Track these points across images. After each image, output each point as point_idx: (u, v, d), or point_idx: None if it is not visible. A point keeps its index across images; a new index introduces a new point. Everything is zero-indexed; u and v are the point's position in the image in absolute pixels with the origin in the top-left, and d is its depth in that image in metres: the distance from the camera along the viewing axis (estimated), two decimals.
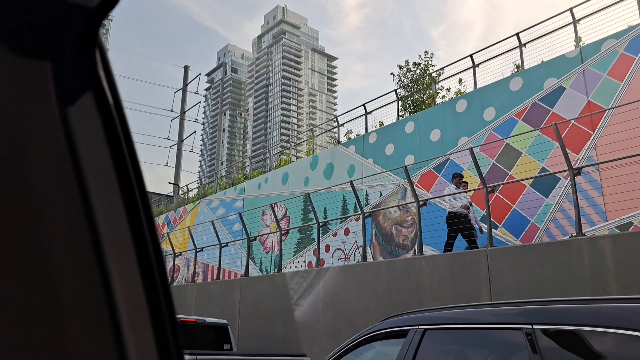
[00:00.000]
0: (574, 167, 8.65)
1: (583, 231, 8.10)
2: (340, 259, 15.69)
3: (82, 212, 0.68)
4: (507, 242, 11.40)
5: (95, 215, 0.69)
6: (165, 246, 21.94)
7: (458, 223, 10.30)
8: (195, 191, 29.64)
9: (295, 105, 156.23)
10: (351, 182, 11.90)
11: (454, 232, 10.44)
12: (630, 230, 9.43)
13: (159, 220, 27.67)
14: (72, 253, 0.67)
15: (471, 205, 10.86)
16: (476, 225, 10.74)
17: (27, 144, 0.66)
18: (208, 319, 8.82)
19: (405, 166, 10.87)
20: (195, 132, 36.62)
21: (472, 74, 14.54)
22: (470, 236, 10.22)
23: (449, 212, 10.59)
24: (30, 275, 0.64)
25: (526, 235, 11.41)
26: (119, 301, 0.69)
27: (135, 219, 0.73)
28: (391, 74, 20.46)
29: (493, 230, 10.29)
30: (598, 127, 10.71)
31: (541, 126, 11.52)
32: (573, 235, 8.31)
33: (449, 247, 10.41)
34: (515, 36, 13.56)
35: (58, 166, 0.68)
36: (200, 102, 38.50)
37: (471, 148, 9.88)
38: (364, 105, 17.64)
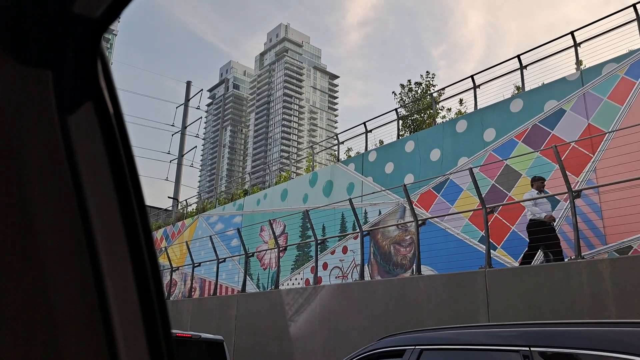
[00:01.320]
0: (573, 189, 8.65)
1: (582, 254, 8.07)
2: (338, 277, 15.61)
3: (79, 222, 0.68)
4: (506, 263, 11.34)
5: (92, 225, 0.68)
6: (162, 260, 21.85)
7: (541, 232, 9.28)
8: (194, 206, 29.64)
9: (296, 122, 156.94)
10: (350, 200, 11.90)
11: (536, 242, 9.44)
12: (629, 254, 9.41)
13: (158, 234, 27.59)
14: (68, 262, 0.67)
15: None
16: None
17: (26, 152, 0.65)
18: (204, 335, 8.74)
19: (405, 185, 10.87)
20: (195, 147, 36.68)
21: (472, 94, 14.61)
22: (555, 246, 9.15)
23: (531, 220, 9.66)
24: (26, 283, 0.63)
25: None
26: (114, 314, 0.68)
27: (133, 231, 0.73)
28: (392, 92, 20.58)
29: (491, 251, 10.25)
30: (598, 150, 10.73)
31: (541, 148, 11.55)
32: (572, 258, 8.28)
33: (528, 258, 9.44)
34: (516, 58, 13.65)
35: (57, 175, 0.67)
36: (201, 117, 38.57)
37: (471, 168, 9.89)
38: (364, 123, 17.70)
